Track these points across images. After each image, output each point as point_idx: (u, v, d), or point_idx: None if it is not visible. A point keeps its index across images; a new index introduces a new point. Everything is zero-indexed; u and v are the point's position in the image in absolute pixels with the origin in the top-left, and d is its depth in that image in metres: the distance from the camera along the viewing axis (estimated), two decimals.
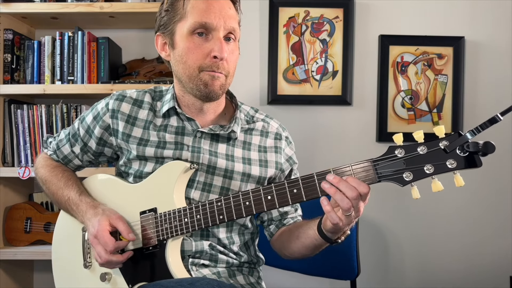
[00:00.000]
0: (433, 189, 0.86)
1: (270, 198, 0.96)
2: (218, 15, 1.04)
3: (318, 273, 1.58)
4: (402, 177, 0.87)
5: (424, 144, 0.86)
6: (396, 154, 0.87)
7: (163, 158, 1.11)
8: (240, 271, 1.18)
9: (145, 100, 1.16)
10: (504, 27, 2.04)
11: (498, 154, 2.02)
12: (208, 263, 1.13)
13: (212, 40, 1.05)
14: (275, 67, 2.03)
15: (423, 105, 2.04)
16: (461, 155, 0.83)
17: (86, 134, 1.19)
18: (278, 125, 1.24)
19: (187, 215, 1.03)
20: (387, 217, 2.04)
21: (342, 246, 1.46)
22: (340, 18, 2.04)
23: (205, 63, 1.05)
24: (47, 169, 1.22)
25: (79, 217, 1.13)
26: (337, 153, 2.04)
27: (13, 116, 1.88)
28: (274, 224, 1.23)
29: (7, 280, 1.92)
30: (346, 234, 1.02)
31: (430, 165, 0.85)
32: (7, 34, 1.87)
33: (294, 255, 1.18)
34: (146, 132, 1.14)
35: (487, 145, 0.81)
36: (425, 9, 2.04)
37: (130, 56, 2.06)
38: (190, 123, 1.14)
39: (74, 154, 1.22)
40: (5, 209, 1.90)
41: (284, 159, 1.21)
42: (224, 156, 1.13)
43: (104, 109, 1.16)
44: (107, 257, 1.04)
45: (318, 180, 0.92)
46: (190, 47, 1.05)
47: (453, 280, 2.04)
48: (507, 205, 2.03)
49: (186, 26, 1.05)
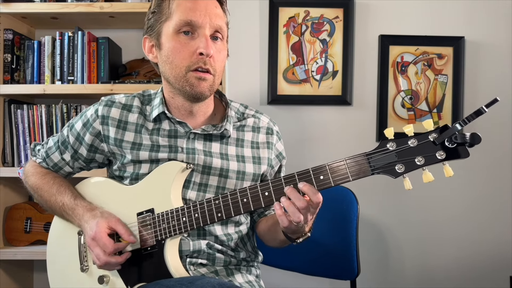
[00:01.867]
0: (424, 180, 0.89)
1: (267, 194, 0.97)
2: (203, 13, 1.04)
3: (318, 273, 1.58)
4: (395, 169, 0.90)
5: (414, 137, 0.90)
6: (388, 147, 0.91)
7: (158, 160, 1.11)
8: (238, 269, 1.18)
9: (134, 105, 1.16)
10: (504, 27, 2.04)
11: (499, 155, 2.03)
12: (206, 262, 1.13)
13: (198, 38, 1.04)
14: (275, 67, 2.03)
15: (423, 105, 2.04)
16: (450, 147, 0.87)
17: (76, 142, 1.18)
18: (268, 120, 1.25)
19: (185, 215, 1.03)
20: (387, 217, 2.04)
21: (342, 246, 1.47)
22: (340, 18, 2.04)
23: (191, 61, 1.04)
24: (37, 177, 1.21)
25: (76, 221, 1.12)
26: (337, 153, 2.04)
27: (13, 116, 1.88)
28: (257, 213, 1.26)
29: (7, 280, 1.92)
30: (305, 236, 1.05)
31: (420, 157, 0.89)
32: (7, 34, 1.87)
33: (269, 245, 1.22)
34: (138, 136, 1.13)
35: (474, 136, 0.84)
36: (425, 9, 2.04)
37: (130, 56, 2.06)
38: (182, 126, 1.13)
39: (65, 161, 1.21)
40: (5, 209, 1.90)
41: (274, 155, 1.23)
42: (218, 155, 1.14)
43: (94, 116, 1.15)
44: (106, 258, 1.03)
45: (314, 175, 0.95)
46: (176, 47, 1.05)
47: (453, 280, 2.04)
48: (507, 205, 2.03)
49: (172, 25, 1.05)
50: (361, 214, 1.81)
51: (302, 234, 1.04)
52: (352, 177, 0.92)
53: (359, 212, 1.49)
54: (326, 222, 1.54)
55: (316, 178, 0.94)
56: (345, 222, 1.49)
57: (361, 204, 1.51)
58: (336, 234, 1.51)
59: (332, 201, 1.54)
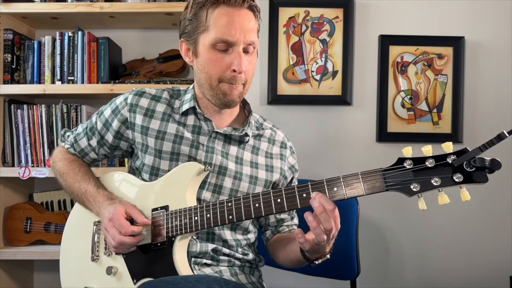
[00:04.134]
0: (440, 202, 0.89)
1: (279, 201, 0.99)
2: (238, 30, 1.09)
3: (318, 273, 1.58)
4: (410, 187, 0.90)
5: (432, 157, 0.89)
6: (405, 165, 0.90)
7: (179, 155, 1.16)
8: (242, 270, 1.21)
9: (163, 96, 1.22)
10: (504, 27, 2.04)
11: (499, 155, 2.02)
12: (211, 262, 1.15)
13: (232, 53, 1.10)
14: (275, 67, 2.03)
15: (423, 105, 2.04)
16: (468, 170, 0.86)
17: (103, 128, 1.23)
18: (284, 135, 1.32)
19: (197, 214, 1.06)
20: (387, 217, 2.04)
21: (342, 246, 1.47)
22: (340, 18, 2.04)
23: (225, 76, 1.11)
24: (65, 163, 1.27)
25: (95, 208, 1.16)
26: (337, 153, 2.04)
27: (13, 116, 1.88)
28: (270, 230, 1.28)
29: (7, 280, 1.92)
30: (324, 258, 1.06)
31: (437, 177, 0.88)
32: (7, 34, 1.87)
33: (282, 264, 1.24)
34: (163, 124, 1.18)
35: (494, 162, 0.84)
36: (425, 9, 2.04)
37: (130, 56, 2.06)
38: (207, 123, 1.19)
39: (91, 147, 1.27)
40: (5, 209, 1.90)
41: (287, 167, 1.28)
42: (234, 158, 1.19)
43: (123, 103, 1.20)
44: (121, 238, 1.06)
45: (328, 186, 0.96)
46: (212, 59, 1.11)
47: (453, 280, 2.04)
48: (507, 205, 2.03)
49: (208, 40, 1.10)
50: (361, 214, 1.80)
51: (322, 255, 1.05)
52: (366, 192, 0.93)
53: (359, 212, 1.49)
54: None
55: (330, 189, 0.95)
56: (345, 222, 1.49)
57: (361, 204, 1.51)
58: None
59: None
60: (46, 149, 1.87)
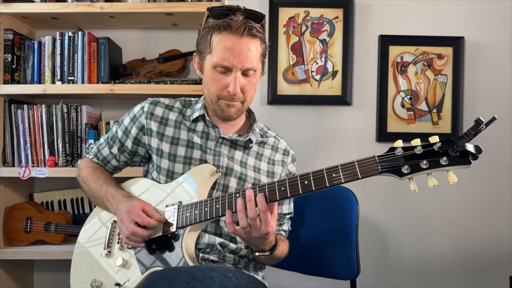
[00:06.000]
0: (429, 184, 0.99)
1: (283, 189, 1.08)
2: (236, 59, 1.18)
3: (318, 273, 1.58)
4: (401, 170, 1.00)
5: (420, 146, 1.00)
6: (396, 152, 1.01)
7: (191, 159, 1.27)
8: (247, 268, 1.27)
9: (175, 106, 1.34)
10: (504, 27, 2.04)
11: (499, 154, 2.03)
12: (217, 259, 1.22)
13: (230, 76, 1.21)
14: (275, 67, 2.03)
15: (423, 105, 2.04)
16: (453, 155, 0.97)
17: (123, 135, 1.34)
18: (286, 144, 1.42)
19: (207, 205, 1.15)
20: (387, 217, 2.04)
21: (342, 246, 1.48)
22: (340, 18, 2.04)
23: (222, 94, 1.23)
24: (89, 170, 1.38)
25: (113, 205, 1.25)
26: (337, 153, 2.04)
27: (13, 116, 1.88)
28: None
29: (7, 280, 1.92)
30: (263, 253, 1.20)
31: (425, 161, 0.98)
32: (7, 34, 1.87)
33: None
34: (177, 131, 1.30)
35: (475, 147, 0.95)
36: (425, 9, 2.04)
37: (130, 56, 2.06)
38: (214, 130, 1.30)
39: (112, 155, 1.38)
40: (5, 209, 1.90)
41: (285, 174, 1.38)
42: (238, 162, 1.30)
43: (140, 111, 1.32)
44: (134, 227, 1.14)
45: (327, 173, 1.06)
46: (213, 78, 1.23)
47: (453, 280, 2.04)
48: (507, 204, 2.03)
49: (211, 62, 1.21)
50: (361, 214, 1.81)
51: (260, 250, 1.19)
52: (361, 175, 1.02)
53: (359, 212, 1.49)
54: (326, 222, 1.55)
55: (329, 176, 1.05)
56: (345, 222, 1.49)
57: (361, 204, 1.52)
58: (336, 234, 1.51)
59: (332, 201, 1.55)
60: (46, 149, 1.87)
